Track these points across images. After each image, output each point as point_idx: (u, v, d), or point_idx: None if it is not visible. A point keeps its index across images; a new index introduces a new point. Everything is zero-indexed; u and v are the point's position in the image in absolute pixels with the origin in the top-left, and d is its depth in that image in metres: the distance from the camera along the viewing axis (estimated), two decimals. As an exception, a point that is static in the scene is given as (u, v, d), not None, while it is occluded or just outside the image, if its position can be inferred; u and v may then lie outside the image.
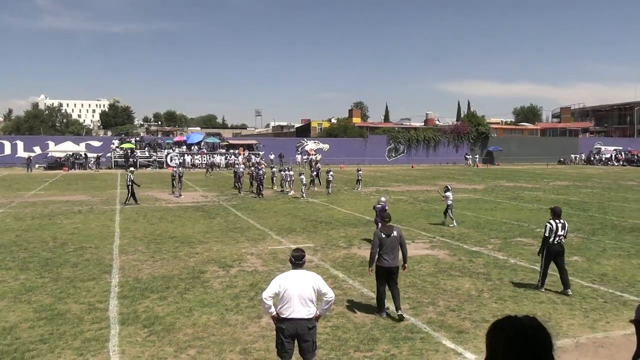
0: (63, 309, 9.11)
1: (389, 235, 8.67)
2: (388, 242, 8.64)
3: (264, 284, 10.25)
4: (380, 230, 8.89)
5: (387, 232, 8.71)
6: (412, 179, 41.55)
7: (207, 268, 12.05)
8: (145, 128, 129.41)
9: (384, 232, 8.74)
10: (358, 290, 10.34)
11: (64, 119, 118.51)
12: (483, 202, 25.54)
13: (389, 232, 8.71)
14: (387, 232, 8.71)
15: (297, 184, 30.02)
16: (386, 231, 8.74)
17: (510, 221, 19.21)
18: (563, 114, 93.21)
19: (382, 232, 8.76)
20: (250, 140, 66.31)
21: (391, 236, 8.67)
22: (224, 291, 10.19)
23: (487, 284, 10.79)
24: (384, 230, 8.78)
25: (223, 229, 17.46)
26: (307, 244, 14.67)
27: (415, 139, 68.09)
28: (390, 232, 8.70)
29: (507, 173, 49.41)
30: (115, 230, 17.14)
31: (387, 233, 8.70)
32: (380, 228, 9.00)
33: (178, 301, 9.55)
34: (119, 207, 22.95)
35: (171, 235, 16.11)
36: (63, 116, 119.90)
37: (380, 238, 8.68)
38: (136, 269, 11.93)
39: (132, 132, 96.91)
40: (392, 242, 8.65)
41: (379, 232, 8.85)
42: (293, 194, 28.43)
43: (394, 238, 8.68)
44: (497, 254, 13.69)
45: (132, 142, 56.70)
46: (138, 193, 24.93)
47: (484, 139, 71.32)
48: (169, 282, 10.83)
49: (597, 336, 7.96)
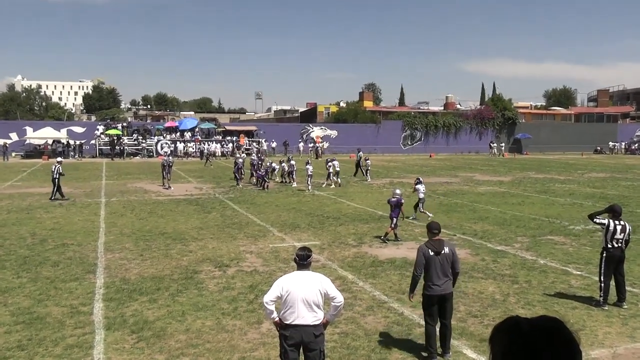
0: (43, 312, 9.18)
1: (439, 252, 7.35)
2: (438, 262, 7.33)
3: (264, 286, 10.27)
4: (426, 246, 7.49)
5: (436, 249, 7.38)
6: (430, 169, 41.44)
7: (202, 268, 12.09)
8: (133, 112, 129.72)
9: (432, 248, 7.40)
10: (369, 293, 10.34)
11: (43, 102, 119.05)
12: (509, 195, 25.45)
13: (438, 248, 7.38)
14: (437, 248, 7.38)
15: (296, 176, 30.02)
16: (435, 247, 7.40)
17: (540, 217, 19.13)
18: (600, 97, 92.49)
19: (430, 248, 7.42)
20: (249, 126, 66.33)
21: (442, 254, 7.36)
22: (221, 293, 10.22)
23: (513, 287, 10.76)
24: (432, 246, 7.42)
25: (219, 224, 17.51)
26: (312, 242, 14.67)
27: (434, 125, 67.83)
28: (440, 249, 7.37)
29: (536, 163, 49.16)
30: (100, 225, 17.22)
31: (436, 250, 7.37)
32: (427, 243, 7.57)
33: (169, 304, 9.60)
34: (105, 199, 23.06)
35: (162, 232, 16.17)
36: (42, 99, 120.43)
37: (426, 256, 7.37)
38: (123, 269, 11.99)
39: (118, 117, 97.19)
40: (443, 261, 7.35)
41: (425, 248, 7.47)
42: (297, 185, 28.46)
43: (445, 256, 7.37)
44: (525, 253, 13.65)
45: (119, 128, 56.89)
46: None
47: (510, 125, 70.94)
48: (159, 283, 10.88)
49: (636, 346, 7.93)
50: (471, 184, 30.78)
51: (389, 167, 43.66)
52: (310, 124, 65.56)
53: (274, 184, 29.40)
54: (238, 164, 29.31)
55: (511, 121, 70.78)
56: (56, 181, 22.85)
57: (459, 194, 25.62)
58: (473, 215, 19.47)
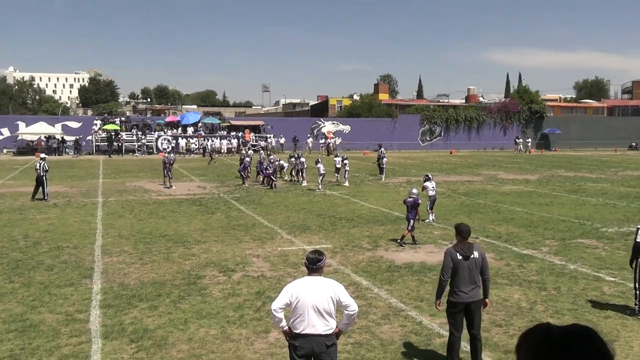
0: (36, 319, 9.25)
1: (468, 256, 7.34)
2: (466, 267, 7.31)
3: (272, 292, 10.29)
4: (454, 249, 7.47)
5: (464, 252, 7.36)
6: (450, 167, 41.30)
7: (206, 272, 12.13)
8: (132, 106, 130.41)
9: (460, 251, 7.39)
10: (385, 300, 10.32)
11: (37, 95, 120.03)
12: (536, 195, 25.30)
13: (467, 252, 7.36)
14: (465, 252, 7.37)
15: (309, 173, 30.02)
16: (463, 250, 7.39)
17: (570, 219, 19.01)
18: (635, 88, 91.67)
19: (458, 251, 7.41)
20: (256, 120, 66.46)
21: (470, 258, 7.34)
22: (225, 300, 10.25)
23: (540, 294, 10.71)
24: (461, 250, 7.41)
25: (224, 226, 17.55)
26: (324, 245, 14.68)
27: (455, 119, 67.62)
28: (469, 253, 7.36)
29: (565, 160, 48.84)
30: (97, 227, 17.32)
31: (464, 253, 7.36)
32: (455, 246, 7.56)
33: (171, 311, 9.64)
34: (102, 199, 23.20)
35: (163, 234, 16.24)
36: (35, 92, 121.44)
37: (454, 260, 7.36)
38: (122, 273, 12.05)
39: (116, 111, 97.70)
40: (472, 266, 7.34)
41: (452, 251, 7.46)
42: (307, 184, 28.48)
43: (474, 261, 7.35)
44: (554, 258, 13.57)
45: (117, 123, 57.17)
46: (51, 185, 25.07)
47: (538, 120, 70.54)
48: (160, 288, 10.92)
49: (675, 359, 7.84)
50: (495, 182, 30.63)
51: (406, 164, 43.55)
52: (322, 118, 65.57)
53: (282, 183, 29.43)
54: (244, 162, 29.35)
55: (538, 115, 70.37)
56: (43, 179, 22.79)
57: (482, 194, 25.51)
58: (497, 217, 19.38)
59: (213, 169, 38.67)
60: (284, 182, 30.08)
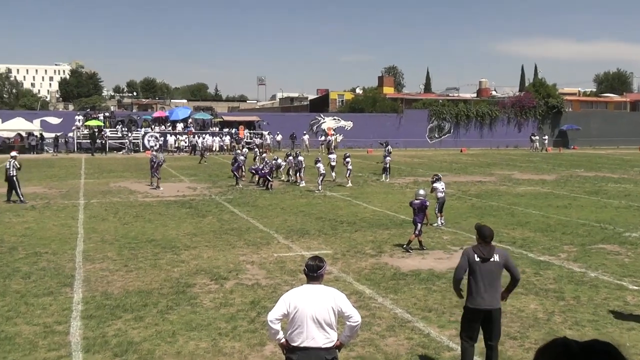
0: (12, 331, 9.22)
1: (487, 259, 7.39)
2: (485, 270, 7.37)
3: (268, 302, 10.27)
4: (473, 250, 7.54)
5: (484, 255, 7.41)
6: (460, 166, 41.30)
7: (196, 281, 12.12)
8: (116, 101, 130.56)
9: (479, 253, 7.44)
10: (390, 310, 10.30)
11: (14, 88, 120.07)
12: (554, 197, 25.29)
13: (487, 254, 7.41)
14: (485, 254, 7.42)
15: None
16: (483, 253, 7.43)
17: (590, 222, 19.01)
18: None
19: (477, 252, 7.46)
20: (251, 116, 66.49)
21: (490, 261, 7.39)
22: (217, 310, 10.24)
23: (558, 304, 10.69)
24: (480, 251, 7.46)
25: (216, 230, 17.55)
26: (324, 251, 14.66)
27: (465, 114, 67.64)
28: (489, 255, 7.40)
29: (585, 159, 48.85)
30: (78, 231, 17.31)
31: (483, 255, 7.40)
32: (475, 247, 7.61)
33: (158, 323, 9.62)
34: (84, 201, 23.19)
35: (149, 239, 16.23)
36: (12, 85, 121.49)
37: (471, 261, 7.43)
38: (105, 282, 12.04)
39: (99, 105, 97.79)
40: (491, 270, 7.38)
41: (470, 252, 7.54)
42: (305, 185, 28.46)
43: (494, 265, 7.40)
44: (572, 265, 13.57)
45: (100, 118, 57.18)
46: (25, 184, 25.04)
47: (555, 115, 70.55)
48: (146, 298, 10.91)
49: None
50: (509, 183, 30.63)
51: (413, 163, 43.55)
52: (322, 113, 65.59)
53: (278, 184, 29.43)
54: (238, 161, 29.36)
55: (556, 110, 70.37)
56: (14, 179, 22.57)
57: (495, 195, 25.50)
58: (511, 220, 19.38)
59: (204, 168, 38.67)
60: (281, 183, 30.08)
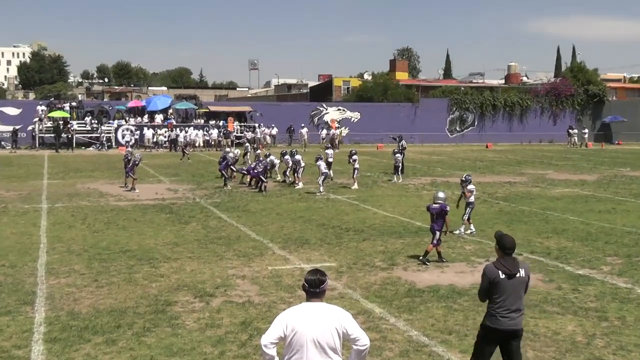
0: (-37, 357, 9.22)
1: (512, 275, 7.35)
2: (510, 288, 7.35)
3: (262, 323, 10.27)
4: (495, 266, 7.48)
5: (509, 270, 7.37)
6: (486, 165, 41.28)
7: (177, 298, 12.11)
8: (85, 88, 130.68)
9: (504, 269, 7.40)
10: (404, 333, 10.30)
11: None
12: (595, 200, 25.28)
13: (512, 269, 7.37)
14: (510, 269, 7.37)
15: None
16: (508, 268, 7.39)
17: (637, 230, 19.02)
18: None
19: (500, 269, 7.41)
20: (241, 105, 66.50)
21: (516, 277, 7.36)
22: (202, 333, 10.23)
23: (600, 325, 10.68)
24: (504, 267, 7.41)
25: (200, 239, 17.55)
26: (326, 263, 14.68)
27: (492, 104, 67.68)
28: (514, 270, 7.37)
29: (632, 156, 48.82)
30: (40, 240, 17.30)
31: (509, 272, 7.36)
32: (497, 262, 7.54)
33: (133, 347, 9.62)
34: (47, 205, 23.20)
35: (123, 249, 16.23)
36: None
37: (495, 279, 7.38)
38: (71, 299, 12.03)
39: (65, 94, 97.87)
40: (517, 287, 7.39)
41: (493, 269, 7.46)
42: (302, 186, 28.39)
43: (520, 281, 7.40)
44: (617, 279, 13.55)
45: (66, 109, 57.18)
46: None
47: (596, 105, 70.56)
48: (120, 318, 10.90)
49: None
50: (543, 184, 30.63)
51: (430, 161, 43.54)
52: (324, 103, 65.65)
53: (273, 185, 29.43)
54: (227, 158, 29.37)
55: (597, 99, 70.39)
56: None
57: (526, 199, 25.49)
58: (545, 228, 19.37)
59: (187, 167, 38.69)
60: (276, 184, 30.08)
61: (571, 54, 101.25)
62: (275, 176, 31.81)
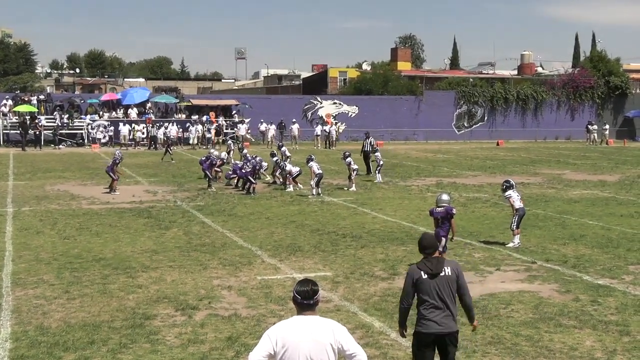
0: None
1: (436, 274, 7.73)
2: (433, 288, 7.71)
3: (250, 339, 10.29)
4: (418, 267, 7.88)
5: (431, 270, 7.75)
6: (496, 164, 41.30)
7: (157, 311, 12.11)
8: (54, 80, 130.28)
9: (426, 269, 7.77)
10: (406, 349, 10.32)
11: None
12: (616, 203, 25.33)
13: (435, 269, 7.75)
14: (432, 269, 7.76)
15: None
16: (429, 268, 7.77)
17: (663, 236, 19.05)
18: None
19: (422, 269, 7.79)
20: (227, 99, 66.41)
21: (440, 276, 7.73)
22: (184, 349, 10.24)
23: (622, 340, 10.71)
24: (426, 267, 7.79)
25: (182, 246, 17.54)
26: (321, 272, 14.70)
27: (503, 97, 67.73)
28: (437, 270, 7.74)
29: (657, 155, 48.87)
30: (5, 247, 17.27)
31: (431, 271, 7.74)
32: (420, 262, 7.92)
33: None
34: (12, 209, 23.15)
35: (97, 257, 16.21)
36: None
37: (417, 280, 7.78)
38: (40, 312, 12.02)
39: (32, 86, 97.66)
40: (443, 287, 7.73)
41: (415, 270, 7.87)
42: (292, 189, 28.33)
43: (445, 280, 7.75)
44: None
45: (33, 103, 57.05)
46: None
47: (618, 98, 70.68)
48: (93, 333, 10.90)
49: None
50: (559, 185, 30.68)
51: (436, 160, 43.55)
52: (318, 96, 65.61)
53: (262, 187, 29.41)
54: (211, 157, 29.37)
55: (619, 92, 70.46)
56: None
57: (541, 201, 25.53)
58: (562, 233, 19.42)
59: (167, 166, 38.64)
60: (265, 186, 30.07)
61: (591, 41, 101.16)
62: (265, 177, 31.79)
